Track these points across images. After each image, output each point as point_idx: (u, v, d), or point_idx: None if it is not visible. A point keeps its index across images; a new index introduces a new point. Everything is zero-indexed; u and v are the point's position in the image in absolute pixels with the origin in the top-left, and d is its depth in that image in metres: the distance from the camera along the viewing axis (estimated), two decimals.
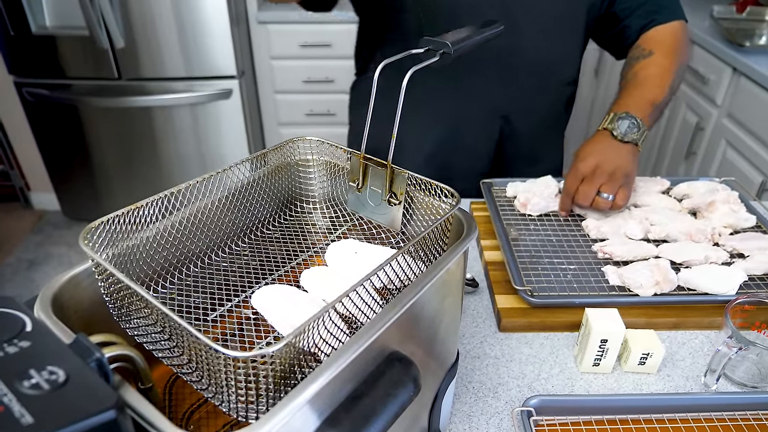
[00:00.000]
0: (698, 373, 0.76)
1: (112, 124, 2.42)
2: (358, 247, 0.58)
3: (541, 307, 0.83)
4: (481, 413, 0.71)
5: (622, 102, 0.99)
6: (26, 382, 0.32)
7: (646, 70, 1.01)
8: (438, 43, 0.59)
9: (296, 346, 0.40)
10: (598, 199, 0.93)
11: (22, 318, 0.37)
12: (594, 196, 0.93)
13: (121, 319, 0.48)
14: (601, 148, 0.95)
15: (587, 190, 0.93)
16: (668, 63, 1.02)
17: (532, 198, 1.00)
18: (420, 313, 0.50)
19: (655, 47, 1.03)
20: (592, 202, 0.93)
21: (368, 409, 0.43)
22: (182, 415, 0.52)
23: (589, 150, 0.96)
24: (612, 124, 0.96)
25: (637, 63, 1.03)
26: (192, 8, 2.15)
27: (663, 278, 0.82)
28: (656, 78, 1.00)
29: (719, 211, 0.95)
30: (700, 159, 2.09)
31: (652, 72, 1.01)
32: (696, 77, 2.09)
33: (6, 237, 2.66)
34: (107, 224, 0.48)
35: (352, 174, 0.61)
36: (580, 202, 0.94)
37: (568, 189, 0.96)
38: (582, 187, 0.94)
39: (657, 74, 1.01)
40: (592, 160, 0.94)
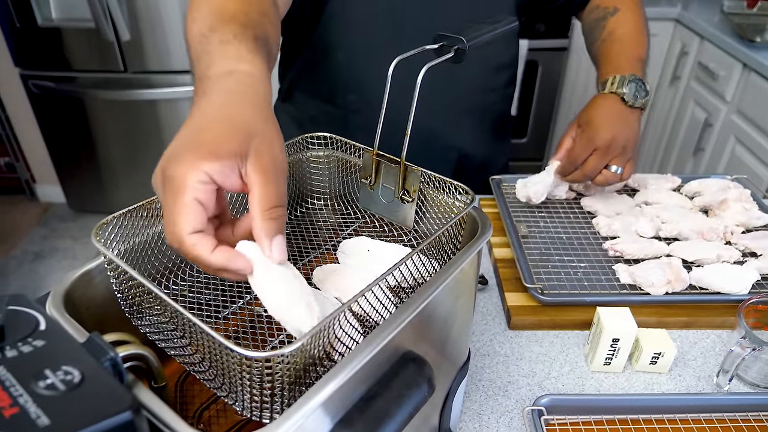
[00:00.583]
0: (710, 373, 0.76)
1: (117, 116, 2.42)
2: (370, 244, 0.58)
3: (551, 305, 0.82)
4: (491, 412, 0.70)
5: (616, 63, 0.95)
6: (42, 382, 0.31)
7: (623, 27, 0.99)
8: (453, 38, 0.58)
9: (311, 346, 0.39)
10: (606, 172, 0.90)
11: (35, 316, 0.37)
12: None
13: (133, 316, 0.48)
14: (615, 118, 0.90)
15: (598, 163, 0.89)
16: (637, 16, 1.00)
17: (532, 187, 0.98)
18: (434, 313, 0.49)
19: (617, 3, 1.02)
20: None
21: (382, 410, 0.42)
22: (193, 414, 0.52)
23: (602, 120, 0.90)
24: (621, 88, 0.91)
25: (607, 22, 1.01)
26: None
27: (675, 277, 0.81)
28: (635, 34, 0.99)
29: (731, 210, 0.94)
30: (708, 155, 2.07)
31: (629, 29, 0.99)
32: (705, 73, 2.07)
33: (11, 229, 2.66)
34: (119, 220, 0.47)
35: (365, 171, 0.61)
36: (588, 174, 0.90)
37: (576, 158, 0.91)
38: (593, 160, 0.89)
39: (633, 30, 0.99)
40: (608, 133, 0.88)
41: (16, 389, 0.31)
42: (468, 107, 1.05)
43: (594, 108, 0.92)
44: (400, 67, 0.55)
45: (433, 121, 1.01)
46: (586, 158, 0.90)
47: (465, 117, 1.06)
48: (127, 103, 2.37)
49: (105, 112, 2.41)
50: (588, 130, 0.90)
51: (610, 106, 0.91)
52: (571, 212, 1.01)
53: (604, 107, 0.92)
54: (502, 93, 1.09)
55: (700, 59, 2.12)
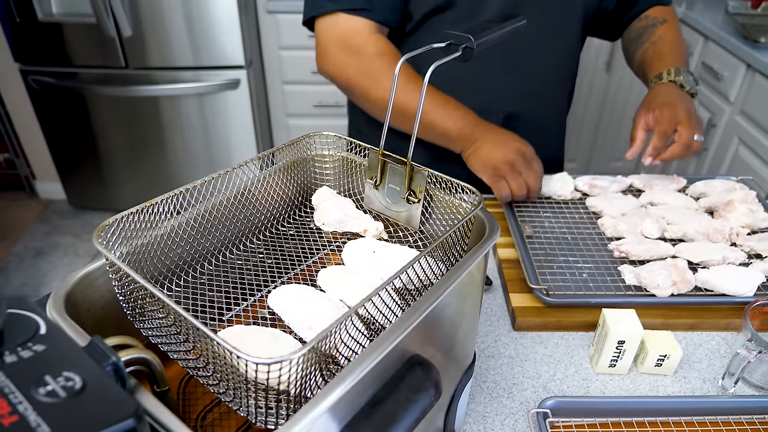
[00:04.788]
0: (715, 375, 0.75)
1: (118, 113, 2.41)
2: (375, 245, 0.57)
3: (556, 307, 0.81)
4: (496, 414, 0.70)
5: (669, 60, 1.06)
6: (42, 389, 0.31)
7: (670, 34, 1.11)
8: (460, 37, 0.57)
9: (318, 351, 0.39)
10: (696, 142, 0.95)
11: (35, 320, 0.36)
12: None
13: (136, 318, 0.47)
14: (682, 98, 0.99)
15: (690, 133, 0.94)
16: (678, 29, 1.14)
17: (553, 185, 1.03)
18: (441, 316, 0.49)
19: (666, 17, 1.15)
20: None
21: (389, 415, 0.42)
22: (197, 416, 0.51)
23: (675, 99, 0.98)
24: (678, 77, 1.02)
25: (656, 29, 1.12)
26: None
27: (681, 279, 0.81)
28: (680, 41, 1.11)
29: (737, 211, 0.93)
30: (711, 156, 2.06)
31: (675, 36, 1.11)
32: (709, 73, 2.06)
33: (12, 226, 2.66)
34: (121, 222, 0.47)
35: (370, 171, 0.60)
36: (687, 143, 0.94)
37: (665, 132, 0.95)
38: (684, 131, 0.94)
39: (678, 38, 1.12)
40: (684, 108, 0.96)
41: (15, 396, 0.30)
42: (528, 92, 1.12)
43: (661, 94, 1.01)
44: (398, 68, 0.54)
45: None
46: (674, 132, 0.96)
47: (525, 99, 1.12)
48: (128, 99, 2.36)
49: (106, 108, 2.40)
50: (665, 109, 0.97)
51: (674, 90, 1.01)
52: (576, 212, 1.00)
53: (670, 92, 1.00)
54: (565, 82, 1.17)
55: (704, 59, 2.11)
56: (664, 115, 0.96)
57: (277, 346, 0.44)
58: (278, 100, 2.59)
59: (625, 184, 1.05)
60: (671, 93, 1.00)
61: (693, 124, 0.96)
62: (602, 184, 1.04)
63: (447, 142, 1.00)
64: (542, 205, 1.02)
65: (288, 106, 2.60)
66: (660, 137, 0.95)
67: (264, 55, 2.48)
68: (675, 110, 0.96)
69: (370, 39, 0.97)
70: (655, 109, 0.98)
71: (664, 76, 1.04)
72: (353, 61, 0.98)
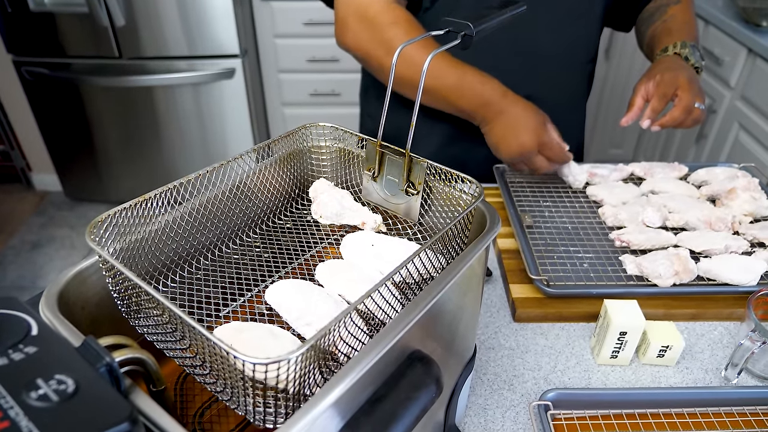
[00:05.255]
0: (718, 366, 0.75)
1: (113, 103, 2.39)
2: (374, 238, 0.56)
3: (557, 297, 0.81)
4: (497, 406, 0.69)
5: (678, 36, 1.05)
6: (33, 393, 0.30)
7: (683, 14, 1.10)
8: (459, 24, 0.56)
9: (317, 348, 0.38)
10: (697, 110, 0.94)
11: (27, 320, 0.35)
12: None
13: (131, 316, 0.46)
14: (684, 68, 0.98)
15: (690, 97, 0.93)
16: (691, 11, 1.13)
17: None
18: (442, 310, 0.48)
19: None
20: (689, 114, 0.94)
21: (389, 413, 0.41)
22: (194, 414, 0.50)
23: (677, 67, 0.97)
24: (684, 50, 1.02)
25: (670, 8, 1.11)
26: None
27: (683, 268, 0.80)
28: (692, 21, 1.11)
29: (740, 199, 0.92)
30: (711, 142, 2.05)
31: (688, 16, 1.10)
32: (710, 58, 2.04)
33: (8, 219, 2.64)
34: (114, 217, 0.45)
35: (368, 162, 0.59)
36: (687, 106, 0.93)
37: (665, 93, 0.94)
38: (684, 95, 0.93)
39: (691, 18, 1.11)
40: (685, 74, 0.95)
41: (6, 401, 0.29)
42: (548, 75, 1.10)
43: (664, 62, 1.00)
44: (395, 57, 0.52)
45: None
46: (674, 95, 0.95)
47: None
48: (122, 90, 2.34)
49: (100, 99, 2.38)
50: (666, 74, 0.96)
51: (678, 61, 1.00)
52: (576, 201, 0.99)
53: (674, 62, 1.00)
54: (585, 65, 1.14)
55: (704, 44, 2.09)
56: (664, 79, 0.95)
57: (275, 344, 0.43)
58: (274, 89, 2.57)
59: (626, 173, 1.04)
60: (675, 63, 0.99)
61: (694, 90, 0.94)
62: (602, 173, 1.03)
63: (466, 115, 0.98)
64: (542, 194, 1.01)
65: (284, 95, 2.58)
66: (659, 99, 0.94)
67: (259, 43, 2.46)
68: (676, 75, 0.95)
69: (386, 8, 0.95)
70: (656, 74, 0.97)
71: (669, 49, 1.03)
72: (368, 32, 0.96)
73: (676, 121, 0.94)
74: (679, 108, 0.93)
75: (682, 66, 0.98)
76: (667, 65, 0.98)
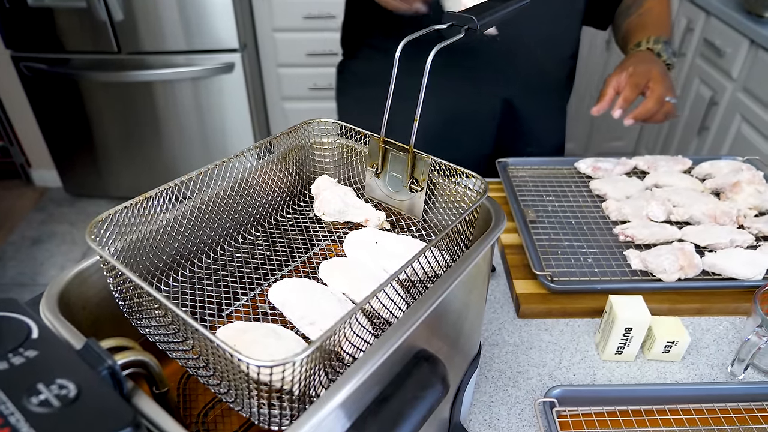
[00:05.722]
0: (723, 361, 0.74)
1: (112, 98, 2.37)
2: (378, 236, 0.55)
3: (561, 293, 0.80)
4: (501, 403, 0.69)
5: (651, 30, 1.05)
6: (34, 398, 0.29)
7: (658, 7, 1.10)
8: (463, 17, 0.55)
9: (322, 349, 0.37)
10: (668, 104, 0.94)
11: (27, 323, 0.35)
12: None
13: (132, 316, 0.45)
14: (656, 62, 0.98)
15: (662, 89, 0.93)
16: (668, 5, 1.13)
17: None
18: (447, 309, 0.47)
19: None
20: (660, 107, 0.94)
21: (396, 413, 0.41)
22: (198, 414, 0.50)
23: (649, 60, 0.98)
24: (657, 45, 1.02)
25: (646, 2, 1.11)
26: None
27: (688, 263, 0.79)
28: (666, 15, 1.10)
29: (744, 192, 0.92)
30: (712, 134, 2.04)
31: (662, 10, 1.10)
32: (711, 50, 2.03)
33: (8, 215, 2.63)
34: (114, 217, 0.45)
35: (371, 158, 0.58)
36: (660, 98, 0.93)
37: (637, 83, 0.94)
38: (656, 86, 0.93)
39: (666, 12, 1.11)
40: (658, 69, 0.96)
41: (6, 407, 0.28)
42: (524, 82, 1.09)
43: (637, 56, 1.00)
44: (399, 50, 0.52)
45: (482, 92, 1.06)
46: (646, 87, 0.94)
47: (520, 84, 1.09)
48: (121, 85, 2.32)
49: (99, 94, 2.36)
50: (639, 66, 0.96)
51: (650, 56, 1.00)
52: (579, 196, 0.98)
53: (646, 56, 1.00)
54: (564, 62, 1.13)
55: (705, 35, 2.08)
56: (637, 71, 0.96)
57: (279, 344, 0.43)
58: (273, 84, 2.56)
59: (630, 166, 1.03)
60: (647, 57, 0.99)
61: (666, 83, 0.94)
62: (606, 167, 1.02)
63: None
64: (545, 188, 1.00)
65: (283, 89, 2.56)
66: (631, 89, 0.94)
67: (258, 37, 2.44)
68: (649, 68, 0.95)
69: None
70: (628, 67, 0.97)
71: (642, 44, 1.03)
72: None
73: (649, 113, 0.93)
74: (652, 99, 0.93)
75: (654, 61, 0.98)
76: (640, 59, 0.98)
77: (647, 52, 1.01)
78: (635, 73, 0.95)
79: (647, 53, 1.01)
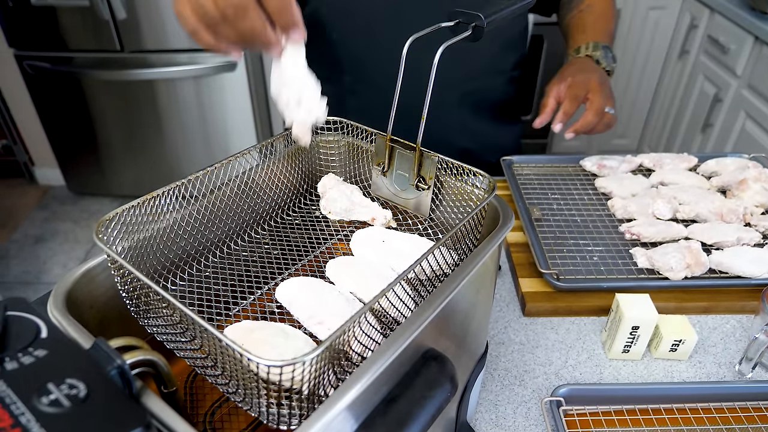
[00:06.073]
0: (731, 360, 0.74)
1: (115, 97, 2.37)
2: (384, 234, 0.55)
3: (567, 291, 0.80)
4: (508, 402, 0.69)
5: (591, 33, 1.04)
6: (45, 398, 0.29)
7: (600, 3, 1.08)
8: (470, 15, 0.54)
9: (331, 349, 0.37)
10: (608, 115, 0.92)
11: (36, 323, 0.34)
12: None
13: (140, 315, 0.45)
14: (596, 71, 0.97)
15: (601, 100, 0.92)
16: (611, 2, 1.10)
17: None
18: (455, 308, 0.47)
19: None
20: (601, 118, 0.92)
21: (404, 413, 0.40)
22: (205, 413, 0.50)
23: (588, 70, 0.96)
24: (596, 52, 1.00)
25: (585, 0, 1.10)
26: None
27: (695, 261, 0.79)
28: (608, 10, 1.08)
29: (751, 190, 0.91)
30: (717, 131, 2.04)
31: (604, 5, 1.08)
32: (715, 46, 2.02)
33: (11, 213, 2.64)
34: (121, 216, 0.45)
35: (378, 156, 0.58)
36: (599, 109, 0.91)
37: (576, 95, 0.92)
38: (595, 98, 0.92)
39: (608, 9, 1.08)
40: (597, 78, 0.94)
41: (17, 407, 0.28)
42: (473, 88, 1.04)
43: (576, 64, 0.98)
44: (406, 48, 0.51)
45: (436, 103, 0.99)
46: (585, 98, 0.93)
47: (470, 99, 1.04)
48: (124, 83, 2.32)
49: (102, 93, 2.36)
50: (578, 76, 0.94)
51: (590, 64, 0.99)
52: (585, 194, 0.98)
53: (585, 64, 0.98)
54: (509, 75, 1.09)
55: (710, 32, 2.07)
56: (576, 81, 0.94)
57: (287, 343, 0.43)
58: None
59: (635, 164, 1.03)
60: (586, 65, 0.98)
61: (605, 93, 0.93)
62: (611, 164, 1.02)
63: None
64: (550, 186, 1.00)
65: None
66: (571, 101, 0.92)
67: None
68: (588, 78, 0.94)
69: None
70: (567, 77, 0.95)
71: (581, 50, 1.02)
72: None
73: (589, 126, 0.92)
74: (591, 111, 0.91)
75: (593, 69, 0.97)
76: (579, 67, 0.97)
77: (586, 59, 1.00)
78: (574, 84, 0.93)
79: (586, 60, 0.99)
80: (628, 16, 2.37)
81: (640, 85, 2.54)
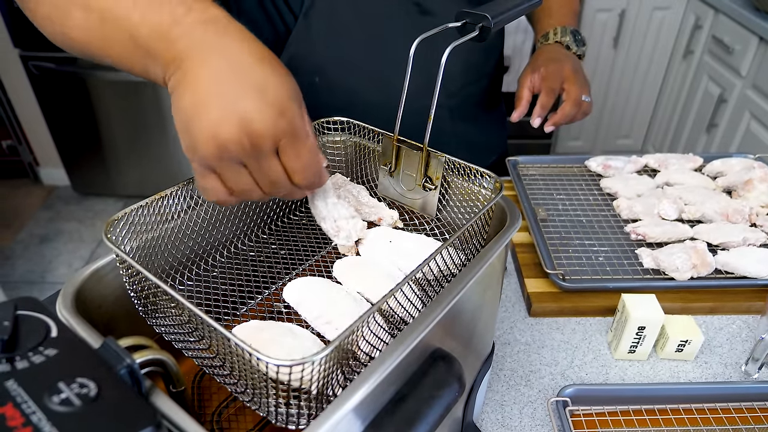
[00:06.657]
0: (737, 360, 0.74)
1: (120, 97, 2.38)
2: (391, 234, 0.55)
3: (573, 292, 0.80)
4: (514, 402, 0.69)
5: (558, 17, 1.01)
6: (56, 397, 0.29)
7: None
8: (477, 15, 0.54)
9: (341, 349, 0.37)
10: (585, 103, 0.91)
11: (46, 322, 0.34)
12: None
13: (148, 315, 0.45)
14: (568, 57, 0.95)
15: (578, 89, 0.90)
16: None
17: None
18: (462, 308, 0.47)
19: None
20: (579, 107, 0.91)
21: (412, 412, 0.40)
22: (213, 413, 0.50)
23: (560, 57, 0.94)
24: (565, 37, 0.98)
25: None
26: None
27: (701, 262, 0.79)
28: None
29: (756, 190, 0.91)
30: (721, 131, 2.03)
31: None
32: (720, 47, 2.01)
33: (16, 213, 2.65)
34: (130, 215, 0.45)
35: (384, 157, 0.58)
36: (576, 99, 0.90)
37: (552, 88, 0.91)
38: (572, 88, 0.91)
39: None
40: (570, 65, 0.92)
41: (28, 406, 0.28)
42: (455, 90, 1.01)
43: (546, 53, 0.96)
44: (413, 49, 0.51)
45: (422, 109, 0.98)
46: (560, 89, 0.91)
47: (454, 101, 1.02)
48: (129, 84, 2.33)
49: (107, 93, 2.37)
50: (551, 66, 0.93)
51: (560, 50, 0.96)
52: (590, 194, 0.98)
53: (556, 51, 0.96)
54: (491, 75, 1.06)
55: (714, 33, 2.07)
56: (549, 71, 0.92)
57: (295, 343, 0.43)
58: None
59: (640, 164, 1.03)
60: (557, 53, 0.96)
61: (580, 81, 0.92)
62: (617, 165, 1.01)
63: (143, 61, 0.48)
64: (555, 187, 1.00)
65: None
66: (547, 93, 0.91)
67: None
68: (561, 67, 0.92)
69: None
70: (540, 67, 0.94)
71: (550, 37, 0.99)
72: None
73: (568, 117, 0.91)
74: (569, 102, 0.91)
75: (565, 55, 0.95)
76: (550, 56, 0.95)
77: (556, 45, 0.98)
78: (548, 75, 0.92)
79: (556, 47, 0.97)
80: (632, 16, 2.36)
81: (644, 85, 2.53)
